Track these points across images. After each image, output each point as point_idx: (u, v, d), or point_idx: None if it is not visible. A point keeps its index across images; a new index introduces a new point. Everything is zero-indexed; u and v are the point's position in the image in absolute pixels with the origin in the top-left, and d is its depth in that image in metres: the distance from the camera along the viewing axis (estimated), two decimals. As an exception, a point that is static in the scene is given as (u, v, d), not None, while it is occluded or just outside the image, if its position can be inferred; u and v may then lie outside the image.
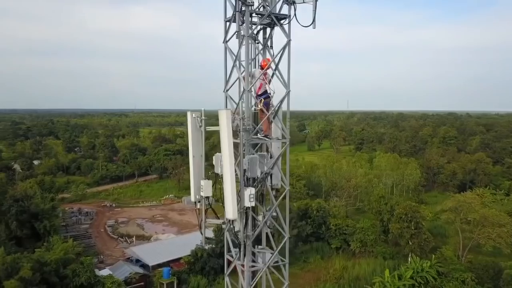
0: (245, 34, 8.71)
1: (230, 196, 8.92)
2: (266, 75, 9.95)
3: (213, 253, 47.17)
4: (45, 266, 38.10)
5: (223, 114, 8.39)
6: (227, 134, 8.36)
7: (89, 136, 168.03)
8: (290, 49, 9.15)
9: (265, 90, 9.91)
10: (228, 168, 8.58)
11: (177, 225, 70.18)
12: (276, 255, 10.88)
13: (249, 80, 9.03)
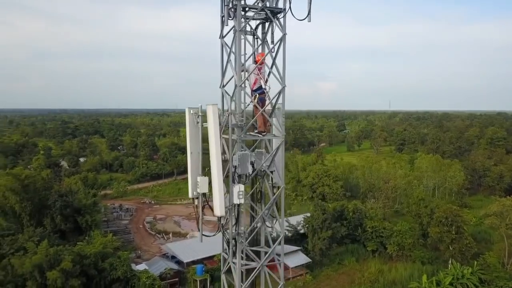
0: (237, 28, 8.59)
1: (218, 193, 8.85)
2: (261, 70, 9.77)
3: (246, 252, 47.33)
4: (85, 259, 39.68)
5: (210, 110, 8.32)
6: (214, 130, 8.29)
7: (131, 135, 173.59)
8: (286, 43, 8.93)
9: (260, 86, 9.72)
10: (215, 164, 8.52)
11: (213, 223, 70.70)
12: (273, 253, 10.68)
13: (241, 75, 8.91)
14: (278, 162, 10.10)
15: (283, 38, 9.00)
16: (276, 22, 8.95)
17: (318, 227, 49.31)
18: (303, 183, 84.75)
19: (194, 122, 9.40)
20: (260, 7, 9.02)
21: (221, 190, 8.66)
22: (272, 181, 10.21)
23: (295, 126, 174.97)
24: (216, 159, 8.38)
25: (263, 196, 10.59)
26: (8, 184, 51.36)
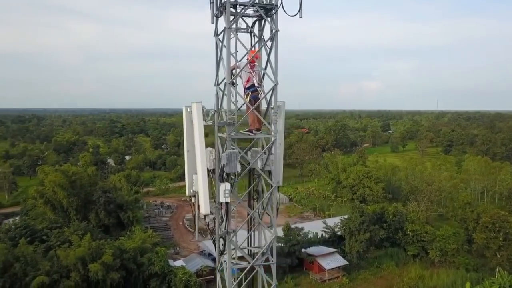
0: (227, 26, 8.49)
1: (202, 191, 8.81)
2: (254, 68, 9.59)
3: (282, 252, 47.20)
4: (125, 253, 41.15)
5: (194, 108, 8.26)
6: (198, 128, 8.23)
7: (175, 134, 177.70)
8: (277, 40, 8.71)
9: (253, 84, 9.54)
10: (200, 162, 8.47)
11: (251, 222, 71.33)
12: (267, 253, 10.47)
13: (231, 73, 8.78)
14: (277, 161, 9.95)
15: (275, 35, 8.82)
16: (267, 19, 8.80)
17: (356, 229, 48.29)
18: (343, 184, 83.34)
19: (190, 120, 9.43)
20: (250, 3, 8.86)
21: (205, 188, 8.65)
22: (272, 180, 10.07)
23: (337, 126, 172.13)
24: (201, 157, 8.37)
25: (260, 195, 10.46)
26: (57, 180, 54.14)
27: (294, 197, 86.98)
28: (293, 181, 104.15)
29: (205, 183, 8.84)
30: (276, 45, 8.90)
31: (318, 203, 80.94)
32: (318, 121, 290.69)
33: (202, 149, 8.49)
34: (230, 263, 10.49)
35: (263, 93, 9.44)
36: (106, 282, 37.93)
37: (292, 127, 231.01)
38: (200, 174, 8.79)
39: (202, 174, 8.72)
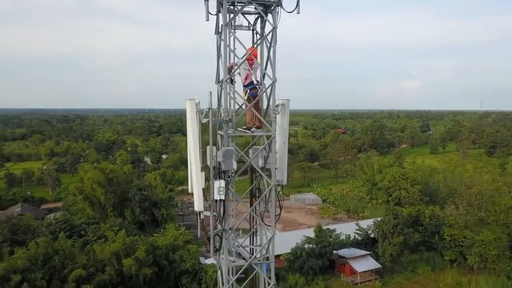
0: (223, 23, 8.41)
1: (196, 188, 8.77)
2: (252, 65, 9.43)
3: (313, 253, 46.80)
4: (157, 249, 42.14)
5: (188, 105, 8.24)
6: (191, 124, 8.22)
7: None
8: (276, 37, 8.52)
9: (252, 81, 9.40)
10: (193, 159, 8.46)
11: (283, 222, 71.11)
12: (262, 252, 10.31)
13: (226, 70, 8.69)
14: (281, 160, 9.82)
15: (273, 32, 8.68)
16: (265, 16, 8.67)
17: (389, 232, 47.10)
18: (378, 186, 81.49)
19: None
20: (248, 1, 8.74)
21: (199, 185, 8.67)
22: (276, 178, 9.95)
23: (374, 126, 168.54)
24: (194, 154, 8.38)
25: (262, 193, 10.36)
26: (95, 177, 56.26)
27: (328, 198, 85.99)
28: (327, 182, 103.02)
29: (198, 181, 8.90)
30: (274, 42, 8.78)
31: (352, 204, 79.61)
32: (355, 121, 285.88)
33: (195, 147, 8.55)
34: (227, 260, 10.51)
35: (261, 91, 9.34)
36: (139, 277, 39.00)
37: (328, 127, 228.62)
38: (194, 171, 8.86)
39: (195, 172, 8.79)
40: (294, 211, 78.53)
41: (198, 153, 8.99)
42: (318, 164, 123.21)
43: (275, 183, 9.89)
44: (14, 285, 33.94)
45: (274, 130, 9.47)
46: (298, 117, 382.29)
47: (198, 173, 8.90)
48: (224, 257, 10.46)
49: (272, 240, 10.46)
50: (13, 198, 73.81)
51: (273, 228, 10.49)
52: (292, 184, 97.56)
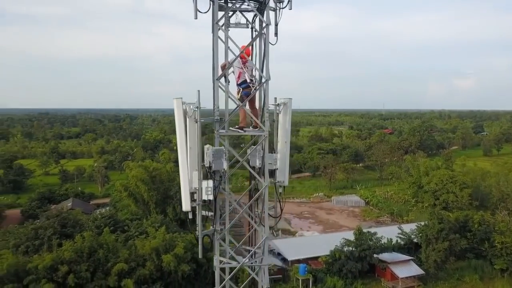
0: (214, 21, 8.22)
1: (183, 187, 8.70)
2: (246, 63, 9.18)
3: (352, 256, 45.82)
4: (196, 247, 42.90)
5: (174, 104, 8.16)
6: (178, 124, 8.14)
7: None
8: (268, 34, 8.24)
9: (245, 80, 9.16)
10: (180, 158, 8.37)
11: (323, 224, 70.25)
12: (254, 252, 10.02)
13: (217, 69, 8.51)
14: (282, 160, 9.56)
15: (266, 29, 8.43)
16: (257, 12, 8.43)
17: (433, 237, 45.15)
18: (424, 189, 78.31)
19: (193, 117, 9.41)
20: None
21: (185, 184, 8.60)
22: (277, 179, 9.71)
23: (422, 127, 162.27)
24: (182, 153, 8.32)
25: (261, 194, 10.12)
26: (139, 175, 58.22)
27: (371, 200, 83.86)
28: (371, 184, 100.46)
29: (185, 180, 8.90)
30: (267, 40, 8.57)
31: (397, 207, 77.11)
32: (403, 122, 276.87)
33: (182, 146, 8.55)
34: (218, 261, 10.42)
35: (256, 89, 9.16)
36: (177, 273, 39.88)
37: (375, 128, 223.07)
38: (181, 171, 8.87)
39: (182, 171, 8.80)
40: (335, 213, 77.31)
41: (185, 153, 9.03)
42: (362, 165, 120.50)
43: (267, 183, 9.72)
44: (61, 275, 35.75)
45: (266, 130, 9.29)
46: (344, 117, 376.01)
47: (185, 173, 8.94)
48: (216, 258, 10.41)
49: (265, 242, 10.22)
50: (65, 193, 78.00)
51: (266, 230, 10.27)
52: (334, 185, 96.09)
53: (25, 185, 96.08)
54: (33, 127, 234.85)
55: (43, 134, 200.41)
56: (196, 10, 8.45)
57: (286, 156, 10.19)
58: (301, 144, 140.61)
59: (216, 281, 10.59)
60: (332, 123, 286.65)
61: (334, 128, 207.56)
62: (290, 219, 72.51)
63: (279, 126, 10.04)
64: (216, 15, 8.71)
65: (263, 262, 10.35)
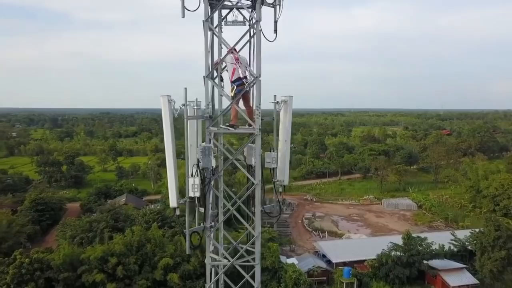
0: (203, 19, 8.04)
1: (170, 184, 8.65)
2: (238, 59, 8.90)
3: (399, 261, 44.13)
4: (239, 245, 43.39)
5: (161, 101, 8.09)
6: (164, 121, 8.09)
7: (303, 134, 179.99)
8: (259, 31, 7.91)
9: (239, 77, 8.89)
10: (169, 155, 8.30)
11: (372, 227, 68.30)
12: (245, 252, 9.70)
13: (209, 66, 8.32)
14: (282, 159, 9.27)
15: (255, 25, 8.15)
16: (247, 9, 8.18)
17: (489, 245, 42.37)
18: (483, 193, 73.75)
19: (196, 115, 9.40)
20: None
21: (172, 182, 8.55)
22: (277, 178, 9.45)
23: (483, 128, 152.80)
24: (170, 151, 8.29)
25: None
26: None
27: (424, 204, 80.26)
28: (425, 187, 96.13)
29: (171, 177, 8.93)
30: (257, 36, 8.34)
31: (452, 212, 73.19)
32: (463, 122, 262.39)
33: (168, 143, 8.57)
34: (209, 258, 10.34)
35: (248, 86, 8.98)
36: (220, 270, 40.55)
37: (431, 128, 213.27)
38: (168, 168, 8.90)
39: (169, 168, 8.82)
40: (385, 216, 74.88)
41: (171, 150, 9.09)
42: (416, 167, 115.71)
43: (258, 182, 9.53)
44: (111, 266, 37.59)
45: (257, 128, 9.11)
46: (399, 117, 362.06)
47: (172, 170, 9.00)
48: (207, 256, 10.39)
49: (257, 241, 10.00)
50: (120, 189, 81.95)
51: (257, 228, 10.05)
52: (386, 187, 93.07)
53: (85, 181, 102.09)
54: (95, 126, 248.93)
55: (103, 132, 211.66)
56: (184, 8, 8.47)
57: (287, 155, 10.01)
58: (353, 145, 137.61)
59: (207, 278, 10.64)
60: (386, 123, 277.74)
61: (387, 128, 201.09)
62: (337, 221, 71.24)
63: (280, 124, 9.88)
64: (207, 13, 8.68)
65: (256, 261, 10.19)
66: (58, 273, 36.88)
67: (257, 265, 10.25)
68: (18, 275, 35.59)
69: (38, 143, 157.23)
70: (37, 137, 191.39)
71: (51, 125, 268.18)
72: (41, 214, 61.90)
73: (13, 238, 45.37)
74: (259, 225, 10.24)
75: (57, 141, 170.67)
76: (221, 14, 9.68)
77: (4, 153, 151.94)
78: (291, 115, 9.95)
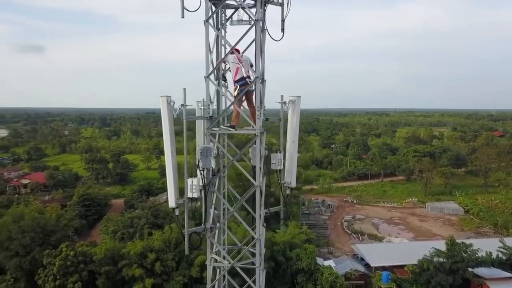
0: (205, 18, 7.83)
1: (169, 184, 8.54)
2: (241, 59, 8.60)
3: (442, 268, 42.30)
4: (275, 245, 43.30)
5: (161, 102, 7.98)
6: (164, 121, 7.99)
7: (345, 134, 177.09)
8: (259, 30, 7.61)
9: (242, 77, 8.60)
10: (168, 156, 8.19)
11: (414, 231, 65.97)
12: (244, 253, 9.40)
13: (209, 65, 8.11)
14: (290, 160, 8.95)
15: (255, 25, 7.89)
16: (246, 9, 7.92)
17: (542, 255, 39.72)
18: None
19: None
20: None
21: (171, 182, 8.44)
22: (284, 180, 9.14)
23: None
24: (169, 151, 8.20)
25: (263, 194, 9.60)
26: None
27: (472, 209, 76.49)
28: (473, 191, 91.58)
29: (170, 177, 8.88)
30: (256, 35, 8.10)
31: (502, 218, 69.26)
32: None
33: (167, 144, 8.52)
34: (209, 259, 10.20)
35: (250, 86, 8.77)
36: (256, 269, 40.67)
37: (482, 129, 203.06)
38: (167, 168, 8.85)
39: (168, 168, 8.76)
40: (429, 220, 72.11)
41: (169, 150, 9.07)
42: (464, 170, 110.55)
43: (258, 184, 9.32)
44: (150, 262, 38.69)
45: (258, 129, 8.90)
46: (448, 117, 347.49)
47: (170, 171, 8.98)
48: (207, 258, 10.31)
49: (257, 244, 9.77)
50: (162, 186, 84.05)
51: (258, 231, 9.83)
52: (430, 191, 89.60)
53: (130, 178, 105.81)
54: (140, 125, 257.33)
55: (148, 131, 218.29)
56: (183, 8, 8.41)
57: (294, 156, 9.78)
58: (396, 146, 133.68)
59: (208, 279, 10.61)
60: (433, 124, 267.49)
61: (434, 129, 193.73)
62: (378, 224, 69.42)
63: (288, 124, 9.67)
64: (207, 13, 8.62)
65: (256, 264, 10.02)
66: (100, 266, 38.45)
67: (257, 268, 10.06)
68: (63, 266, 37.48)
69: (88, 141, 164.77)
70: (87, 136, 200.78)
71: (100, 124, 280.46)
72: (88, 209, 64.84)
73: (61, 231, 47.63)
74: (260, 227, 10.14)
75: (105, 140, 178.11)
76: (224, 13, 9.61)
77: (57, 151, 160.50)
78: (299, 115, 9.76)
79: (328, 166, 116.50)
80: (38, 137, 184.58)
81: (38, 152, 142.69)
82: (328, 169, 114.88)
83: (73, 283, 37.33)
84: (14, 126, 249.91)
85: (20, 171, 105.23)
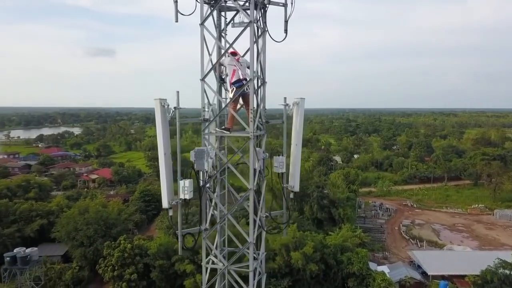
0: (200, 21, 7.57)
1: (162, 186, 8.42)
2: (239, 60, 8.20)
3: (507, 281, 39.19)
4: (326, 248, 42.60)
5: (155, 104, 7.85)
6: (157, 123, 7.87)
7: (408, 135, 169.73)
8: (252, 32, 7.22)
9: (239, 78, 8.21)
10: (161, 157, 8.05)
11: (480, 240, 61.71)
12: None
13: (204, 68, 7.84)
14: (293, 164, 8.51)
15: (249, 26, 7.53)
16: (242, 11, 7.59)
17: None
18: None
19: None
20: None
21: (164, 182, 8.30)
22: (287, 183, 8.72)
23: None
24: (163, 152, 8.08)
25: (263, 197, 9.24)
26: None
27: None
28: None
29: (163, 178, 8.79)
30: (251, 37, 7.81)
31: None
32: None
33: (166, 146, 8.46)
34: (204, 261, 10.00)
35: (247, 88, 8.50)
36: (306, 271, 40.27)
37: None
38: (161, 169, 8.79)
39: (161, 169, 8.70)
40: (497, 228, 67.09)
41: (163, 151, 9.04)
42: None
43: (252, 187, 9.00)
44: (201, 258, 39.74)
45: (252, 131, 8.60)
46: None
47: (164, 172, 8.95)
48: (203, 259, 10.18)
49: (250, 247, 9.45)
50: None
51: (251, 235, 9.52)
52: (500, 197, 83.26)
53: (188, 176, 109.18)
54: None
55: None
56: (177, 12, 8.39)
57: (298, 159, 9.45)
58: (463, 148, 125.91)
59: (203, 280, 10.56)
60: (507, 125, 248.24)
61: (507, 131, 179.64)
62: (439, 231, 65.80)
63: (292, 127, 9.36)
64: (202, 16, 8.57)
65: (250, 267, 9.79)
66: (154, 260, 40.15)
67: (251, 272, 9.88)
68: (121, 258, 39.62)
69: (151, 139, 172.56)
70: (151, 134, 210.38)
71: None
72: (147, 205, 67.92)
73: (121, 224, 50.37)
74: (253, 231, 10.00)
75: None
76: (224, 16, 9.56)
77: (124, 148, 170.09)
78: (303, 118, 9.48)
79: (389, 168, 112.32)
80: (107, 135, 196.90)
81: (106, 149, 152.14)
82: (389, 171, 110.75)
83: (130, 274, 39.36)
84: (87, 125, 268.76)
85: (89, 166, 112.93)
